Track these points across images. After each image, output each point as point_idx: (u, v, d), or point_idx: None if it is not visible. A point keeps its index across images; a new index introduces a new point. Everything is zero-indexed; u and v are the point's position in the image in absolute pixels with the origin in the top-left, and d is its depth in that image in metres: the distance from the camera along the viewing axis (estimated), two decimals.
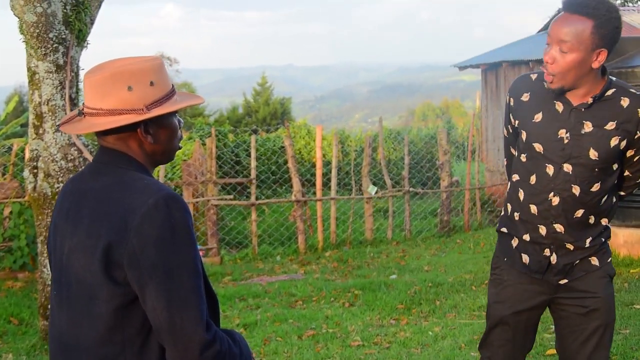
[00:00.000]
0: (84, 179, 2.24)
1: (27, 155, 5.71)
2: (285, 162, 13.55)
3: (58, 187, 5.56)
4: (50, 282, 2.41)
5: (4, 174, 12.12)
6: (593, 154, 2.93)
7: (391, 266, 9.63)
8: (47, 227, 5.55)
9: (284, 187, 16.13)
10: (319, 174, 11.84)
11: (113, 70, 2.15)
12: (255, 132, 17.06)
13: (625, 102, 2.94)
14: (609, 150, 2.93)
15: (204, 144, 13.27)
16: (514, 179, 3.16)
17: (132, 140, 2.21)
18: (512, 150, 3.26)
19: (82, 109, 2.20)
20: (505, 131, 3.31)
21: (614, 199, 3.12)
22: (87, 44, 5.79)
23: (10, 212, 9.56)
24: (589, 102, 2.93)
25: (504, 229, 3.21)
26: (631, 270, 7.73)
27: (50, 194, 5.60)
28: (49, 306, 2.33)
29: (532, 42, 18.66)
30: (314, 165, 14.71)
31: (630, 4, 25.40)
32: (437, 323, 6.53)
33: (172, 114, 2.27)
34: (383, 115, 16.34)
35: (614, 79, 3.01)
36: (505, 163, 3.39)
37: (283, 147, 16.21)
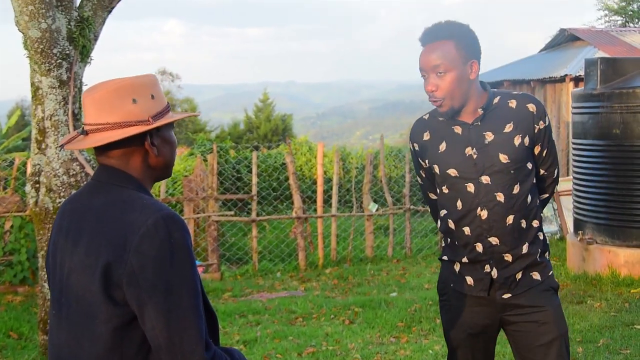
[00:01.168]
0: (83, 198, 2.25)
1: (29, 169, 5.73)
2: (286, 178, 13.56)
3: (60, 202, 5.57)
4: (50, 298, 2.41)
5: (5, 188, 12.12)
6: (503, 158, 3.11)
7: (391, 284, 9.62)
8: (48, 242, 5.57)
9: (284, 204, 16.13)
10: (320, 191, 11.84)
11: (115, 85, 2.19)
12: (256, 148, 17.08)
13: (513, 103, 3.17)
14: (516, 150, 3.12)
15: (205, 160, 13.30)
16: (442, 214, 3.30)
17: (135, 155, 2.23)
18: (432, 195, 3.44)
19: (84, 128, 2.22)
20: (419, 179, 3.50)
21: (537, 200, 3.26)
22: (91, 59, 5.82)
23: (11, 226, 9.57)
24: (480, 114, 3.14)
25: (445, 257, 3.34)
26: (632, 290, 7.72)
27: (52, 208, 5.61)
28: (48, 324, 2.34)
29: (533, 61, 18.73)
30: (315, 182, 14.72)
31: (630, 25, 25.49)
32: (437, 341, 6.52)
33: (172, 127, 2.33)
34: (384, 132, 16.37)
35: (495, 90, 3.25)
36: (430, 210, 3.59)
37: (284, 163, 16.23)
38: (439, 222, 3.37)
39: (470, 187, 3.13)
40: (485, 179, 3.11)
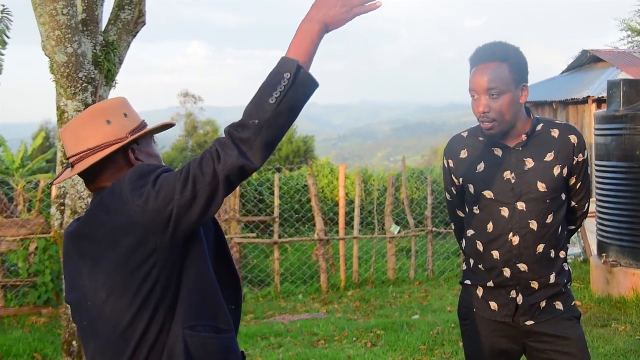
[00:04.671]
0: (82, 224, 2.29)
1: (55, 192, 5.78)
2: (308, 200, 13.58)
3: None
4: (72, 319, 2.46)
5: (29, 210, 12.23)
6: (541, 186, 3.09)
7: (413, 306, 9.58)
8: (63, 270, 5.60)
9: (306, 226, 16.13)
10: (342, 213, 11.84)
11: (87, 112, 2.26)
12: (278, 170, 17.14)
13: (555, 132, 3.15)
14: (554, 179, 3.10)
15: None
16: (468, 234, 3.27)
17: (123, 174, 2.27)
18: (459, 213, 3.41)
19: (69, 162, 2.29)
20: (447, 195, 3.46)
21: (566, 231, 3.26)
22: (115, 83, 5.88)
23: (36, 248, 9.64)
24: (523, 140, 3.12)
25: (468, 281, 3.32)
26: None
27: None
28: (79, 339, 2.38)
29: (555, 83, 18.68)
30: (336, 204, 14.73)
31: None
32: None
33: (153, 142, 2.39)
34: (405, 153, 16.37)
35: (538, 116, 3.23)
36: (453, 228, 3.54)
37: (306, 185, 16.23)
38: (463, 241, 3.34)
39: (505, 212, 3.11)
40: (520, 205, 3.09)
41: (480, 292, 3.23)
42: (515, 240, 3.10)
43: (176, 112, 51.73)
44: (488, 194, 3.14)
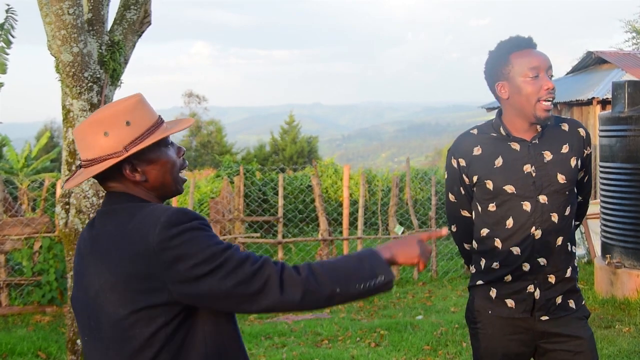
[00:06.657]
0: (97, 223, 2.29)
1: (59, 191, 5.80)
2: (312, 200, 13.57)
3: None
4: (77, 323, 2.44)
5: (34, 209, 12.27)
6: (561, 178, 3.09)
7: (417, 306, 9.58)
8: (73, 269, 5.61)
9: (310, 226, 16.14)
10: (346, 213, 11.85)
11: (89, 120, 2.23)
12: (282, 170, 17.14)
13: (565, 126, 3.19)
14: (572, 171, 3.12)
15: (231, 182, 13.36)
16: (483, 234, 3.22)
17: (127, 181, 2.26)
18: (464, 213, 3.36)
19: (80, 163, 2.29)
20: (451, 196, 3.39)
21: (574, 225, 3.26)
22: (121, 83, 5.89)
23: (40, 247, 9.67)
24: (539, 132, 3.12)
25: (480, 282, 3.26)
26: None
27: (81, 229, 5.67)
28: (82, 351, 2.38)
29: (560, 84, 18.64)
30: (340, 204, 14.73)
31: None
32: None
33: (160, 148, 2.30)
34: (410, 154, 16.37)
35: None
36: (454, 230, 3.49)
37: (310, 185, 16.24)
38: (474, 242, 3.28)
39: (527, 206, 3.08)
40: (542, 198, 3.07)
41: (494, 292, 3.19)
42: (538, 234, 3.07)
43: (180, 112, 51.83)
44: (509, 188, 3.10)
